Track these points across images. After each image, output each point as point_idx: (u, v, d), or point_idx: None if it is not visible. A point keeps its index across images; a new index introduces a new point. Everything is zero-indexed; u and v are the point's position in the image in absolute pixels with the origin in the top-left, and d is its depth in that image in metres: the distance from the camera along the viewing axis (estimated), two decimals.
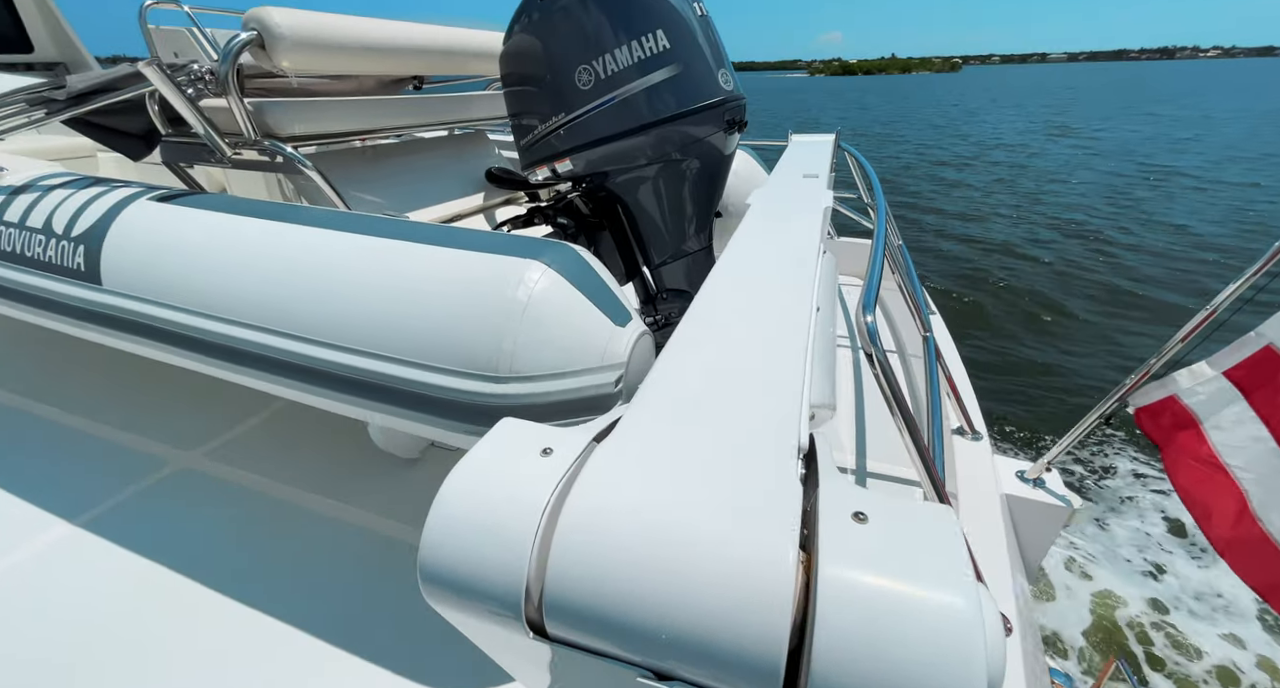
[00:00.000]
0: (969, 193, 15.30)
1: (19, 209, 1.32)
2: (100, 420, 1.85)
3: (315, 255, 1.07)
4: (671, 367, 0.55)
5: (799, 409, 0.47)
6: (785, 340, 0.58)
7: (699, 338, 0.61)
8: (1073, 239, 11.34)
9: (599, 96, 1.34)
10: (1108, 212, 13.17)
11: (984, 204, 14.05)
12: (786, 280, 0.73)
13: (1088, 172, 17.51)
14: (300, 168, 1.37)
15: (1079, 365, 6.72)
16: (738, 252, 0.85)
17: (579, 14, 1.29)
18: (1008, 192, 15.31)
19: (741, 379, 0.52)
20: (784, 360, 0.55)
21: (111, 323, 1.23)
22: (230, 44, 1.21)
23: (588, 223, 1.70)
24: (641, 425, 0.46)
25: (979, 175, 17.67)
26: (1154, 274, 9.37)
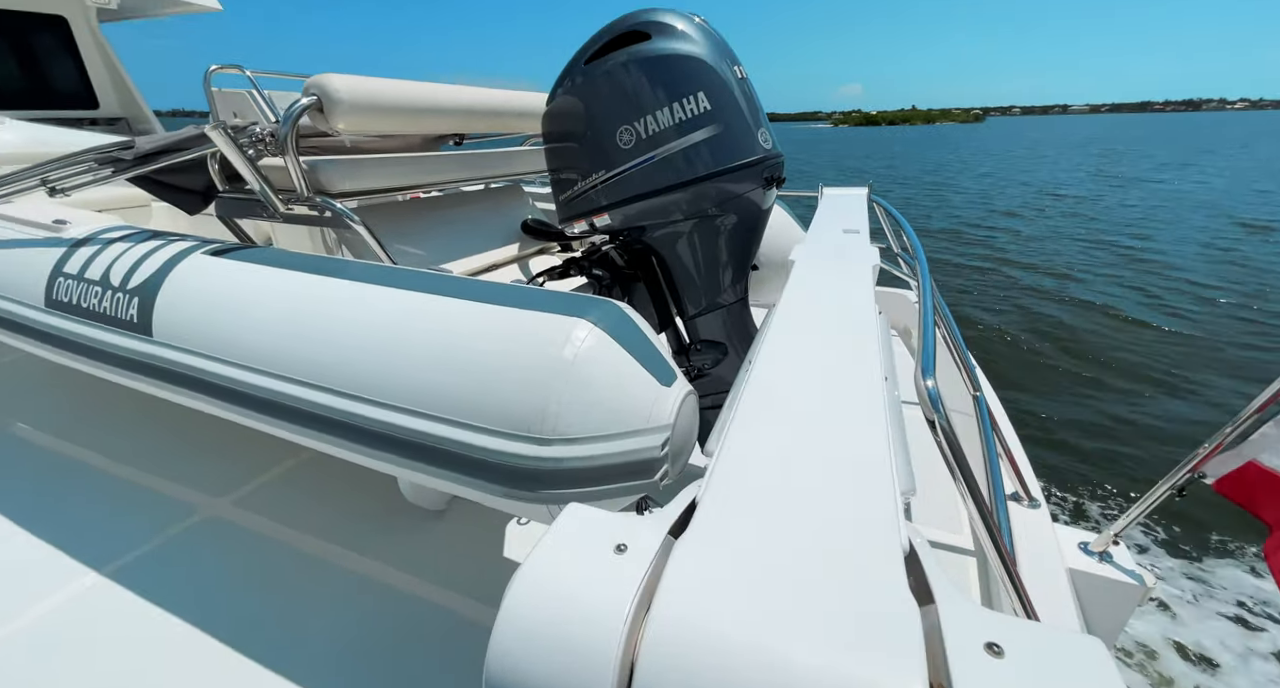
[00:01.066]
0: (1038, 243, 13.59)
1: (79, 262, 1.37)
2: (137, 465, 1.88)
3: (359, 310, 1.08)
4: (743, 446, 0.53)
5: (894, 501, 0.43)
6: (861, 415, 0.55)
7: (766, 411, 0.58)
8: (1137, 284, 9.97)
9: (640, 155, 1.37)
10: (1193, 261, 11.51)
11: (1053, 254, 12.43)
12: (849, 346, 0.70)
13: (1165, 222, 15.57)
14: (348, 223, 1.41)
15: (1145, 426, 5.81)
16: (790, 313, 0.83)
17: (622, 78, 1.33)
18: (1079, 241, 13.79)
19: (822, 462, 0.49)
20: (865, 439, 0.51)
21: (158, 373, 1.24)
22: (291, 108, 1.27)
23: (622, 274, 1.71)
24: (723, 520, 0.43)
25: (1044, 225, 15.81)
26: (1232, 332, 7.90)
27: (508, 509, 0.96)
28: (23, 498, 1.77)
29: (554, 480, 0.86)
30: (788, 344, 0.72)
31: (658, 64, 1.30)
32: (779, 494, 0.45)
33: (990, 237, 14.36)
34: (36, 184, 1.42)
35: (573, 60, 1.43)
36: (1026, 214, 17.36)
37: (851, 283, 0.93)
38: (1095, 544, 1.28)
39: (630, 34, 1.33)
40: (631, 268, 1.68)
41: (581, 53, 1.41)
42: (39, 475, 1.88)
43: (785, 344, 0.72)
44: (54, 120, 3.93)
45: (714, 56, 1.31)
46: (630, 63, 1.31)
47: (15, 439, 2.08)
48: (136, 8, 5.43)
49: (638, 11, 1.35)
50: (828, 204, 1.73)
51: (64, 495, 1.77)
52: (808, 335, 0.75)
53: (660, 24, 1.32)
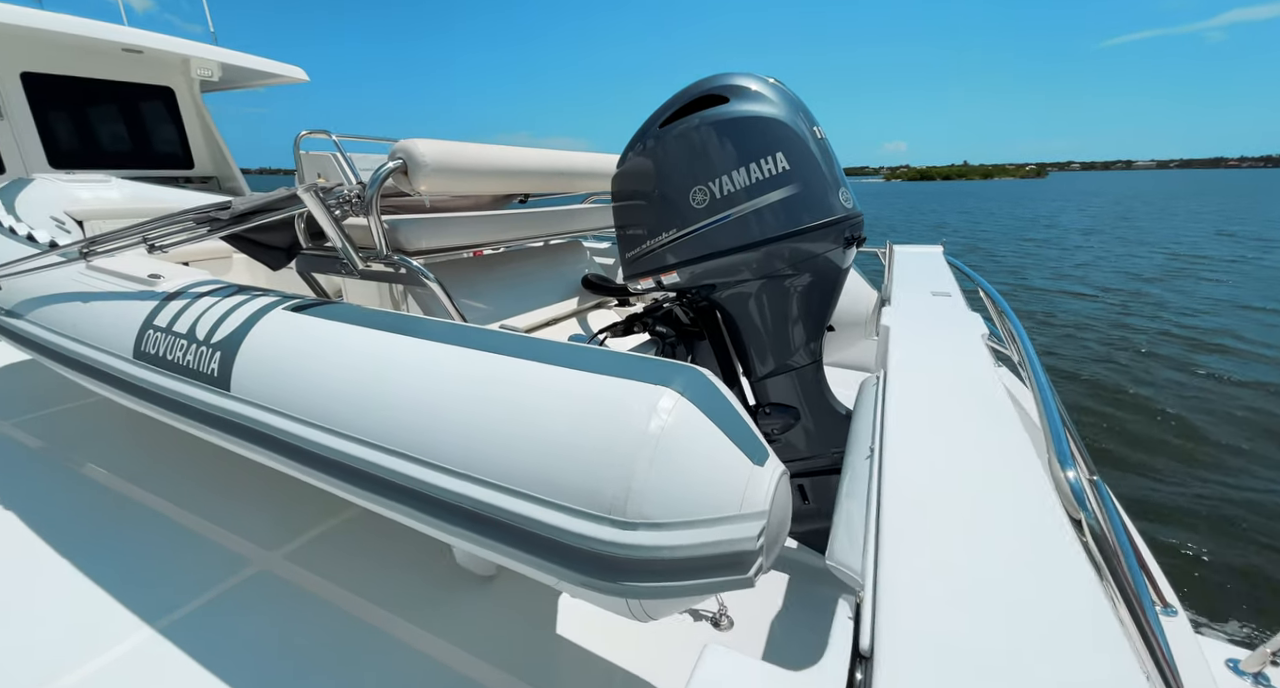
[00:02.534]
0: (1170, 310, 11.22)
1: (168, 315, 1.42)
2: (198, 512, 1.89)
3: (431, 371, 1.06)
4: (904, 578, 0.44)
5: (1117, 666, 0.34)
6: (1038, 540, 0.46)
7: (920, 523, 0.49)
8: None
9: (714, 214, 1.35)
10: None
11: (1204, 319, 10.33)
12: (992, 438, 0.61)
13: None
14: (422, 280, 1.43)
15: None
16: (908, 393, 0.75)
17: (698, 139, 1.33)
18: (1220, 305, 11.55)
19: (1008, 604, 0.40)
20: (1050, 571, 0.43)
21: (232, 429, 1.25)
22: (378, 171, 1.32)
23: (687, 332, 1.66)
24: None
25: (1184, 288, 13.13)
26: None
27: (580, 596, 0.88)
28: (87, 536, 1.81)
29: (636, 571, 0.78)
30: (918, 433, 0.64)
31: (735, 125, 1.29)
32: (967, 655, 0.37)
33: (1127, 303, 11.92)
34: (138, 241, 1.50)
35: (647, 123, 1.45)
36: (1171, 278, 14.33)
37: (968, 358, 0.85)
38: (1248, 663, 1.08)
39: (707, 98, 1.34)
40: (697, 326, 1.64)
41: (656, 116, 1.43)
42: (105, 515, 1.92)
43: (915, 432, 0.64)
44: (153, 179, 4.30)
45: (792, 117, 1.30)
46: (707, 125, 1.31)
47: (87, 479, 2.14)
48: (233, 79, 6.01)
49: (715, 76, 1.36)
50: (904, 263, 1.66)
51: (126, 538, 1.80)
52: (938, 422, 0.67)
53: (738, 87, 1.32)
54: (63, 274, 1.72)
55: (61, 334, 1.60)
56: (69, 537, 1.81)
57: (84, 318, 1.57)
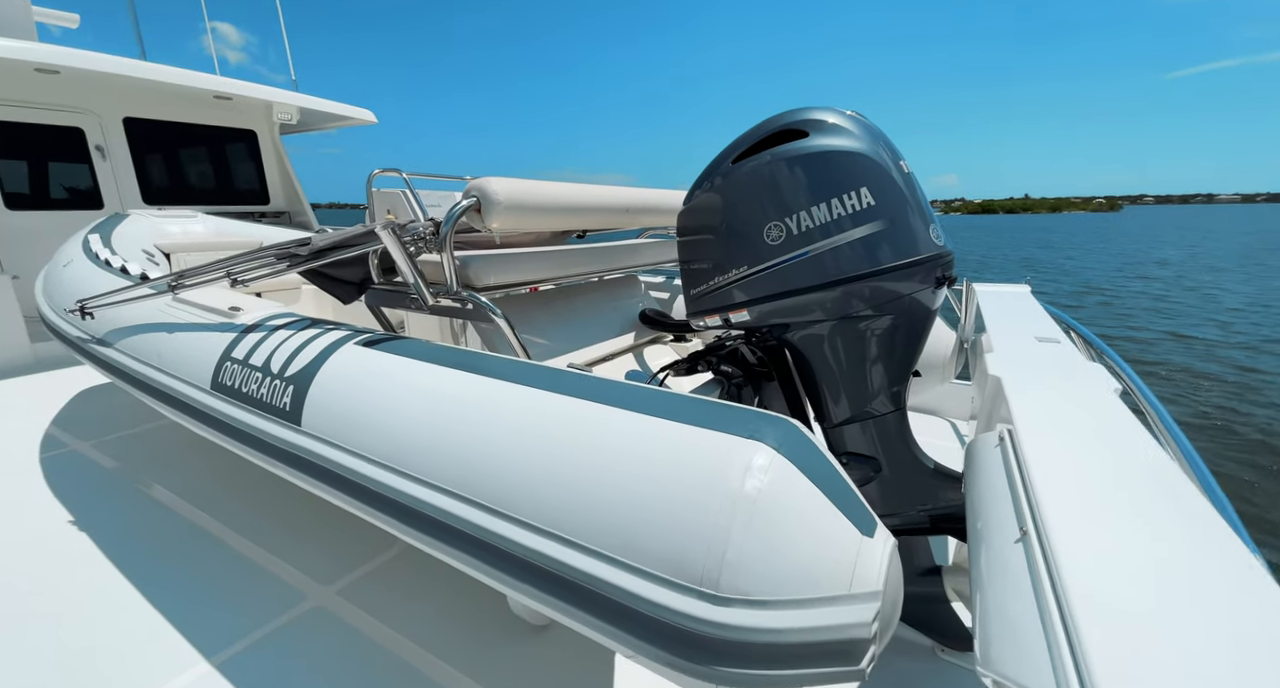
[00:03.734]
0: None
1: (245, 348, 1.45)
2: (258, 541, 1.91)
3: (501, 412, 1.02)
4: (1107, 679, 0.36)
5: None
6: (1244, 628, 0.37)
7: (1131, 647, 0.40)
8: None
9: (789, 251, 1.29)
10: None
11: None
12: (1190, 535, 0.51)
13: None
14: (490, 316, 1.41)
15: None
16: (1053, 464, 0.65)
17: (775, 174, 1.28)
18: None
19: None
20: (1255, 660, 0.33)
21: (301, 464, 1.24)
22: (454, 210, 1.33)
23: (754, 372, 1.59)
24: None
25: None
26: None
27: (663, 674, 0.79)
28: (151, 559, 1.85)
29: (729, 654, 0.69)
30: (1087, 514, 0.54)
31: (817, 160, 1.24)
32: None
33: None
34: (222, 275, 1.56)
35: (718, 159, 1.42)
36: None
37: (1111, 419, 0.74)
38: None
39: (785, 133, 1.30)
40: (765, 366, 1.56)
41: (728, 152, 1.40)
42: (170, 539, 1.96)
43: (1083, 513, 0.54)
44: (233, 214, 4.59)
45: (876, 151, 1.24)
46: (785, 159, 1.27)
47: (155, 502, 2.20)
48: (310, 122, 6.44)
49: (792, 111, 1.33)
50: (990, 304, 1.55)
51: (189, 563, 1.83)
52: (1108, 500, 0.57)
53: (818, 121, 1.28)
54: (151, 306, 1.80)
55: (146, 363, 1.67)
56: (135, 559, 1.85)
57: (168, 348, 1.63)
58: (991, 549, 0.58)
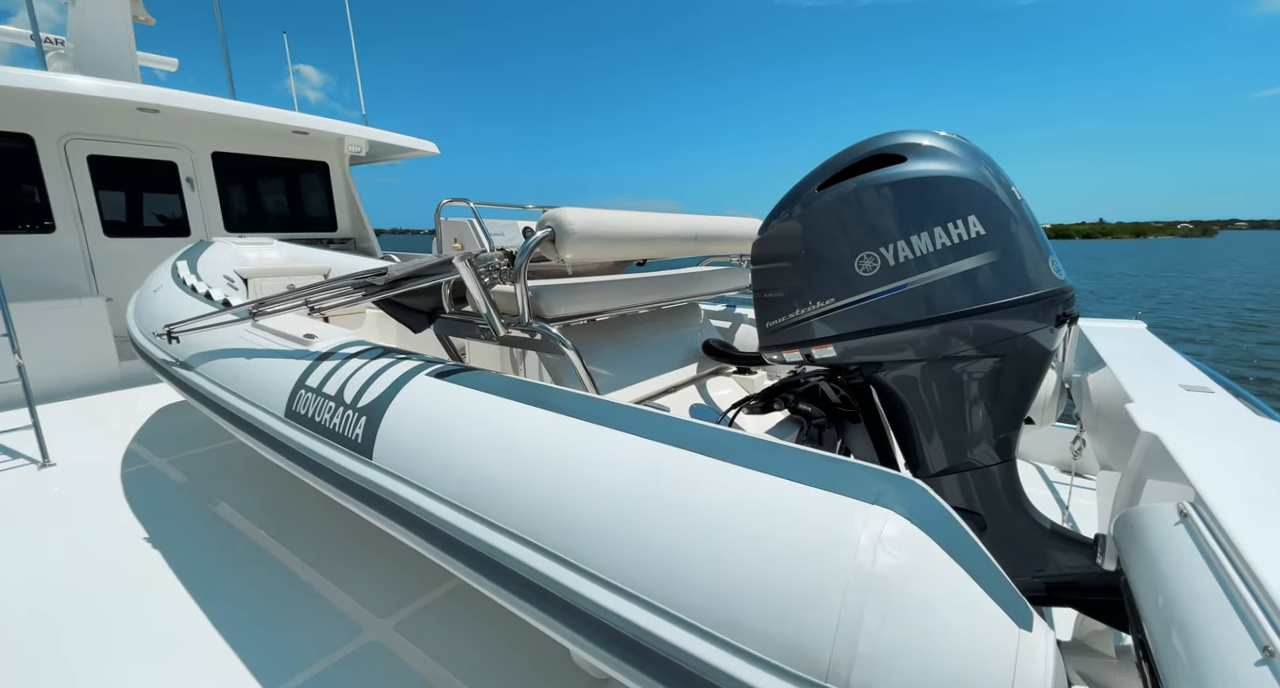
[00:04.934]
0: None
1: (319, 376, 1.46)
2: (319, 569, 1.91)
3: (581, 457, 0.95)
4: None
5: None
6: None
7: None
8: None
9: (885, 284, 1.19)
10: None
11: None
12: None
13: None
14: (561, 348, 1.37)
15: None
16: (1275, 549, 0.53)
17: (868, 202, 1.20)
18: None
19: None
20: None
21: (370, 499, 1.21)
22: (529, 242, 1.30)
23: (836, 412, 1.48)
24: None
25: None
26: None
27: None
28: (215, 580, 1.88)
29: None
30: None
31: (918, 186, 1.15)
32: None
33: None
34: (301, 303, 1.59)
35: (801, 185, 1.34)
36: None
37: None
38: None
39: (878, 157, 1.22)
40: (850, 407, 1.45)
41: (814, 177, 1.32)
42: (235, 561, 1.99)
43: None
44: (303, 240, 4.82)
45: (985, 176, 1.14)
46: (881, 186, 1.18)
47: (223, 522, 2.25)
48: (377, 154, 6.78)
49: (887, 134, 1.24)
50: (1109, 344, 1.40)
51: (250, 588, 1.84)
52: None
53: (917, 145, 1.19)
54: (231, 331, 1.85)
55: (224, 388, 1.71)
56: (201, 579, 1.88)
57: (245, 374, 1.67)
58: (1206, 666, 0.46)
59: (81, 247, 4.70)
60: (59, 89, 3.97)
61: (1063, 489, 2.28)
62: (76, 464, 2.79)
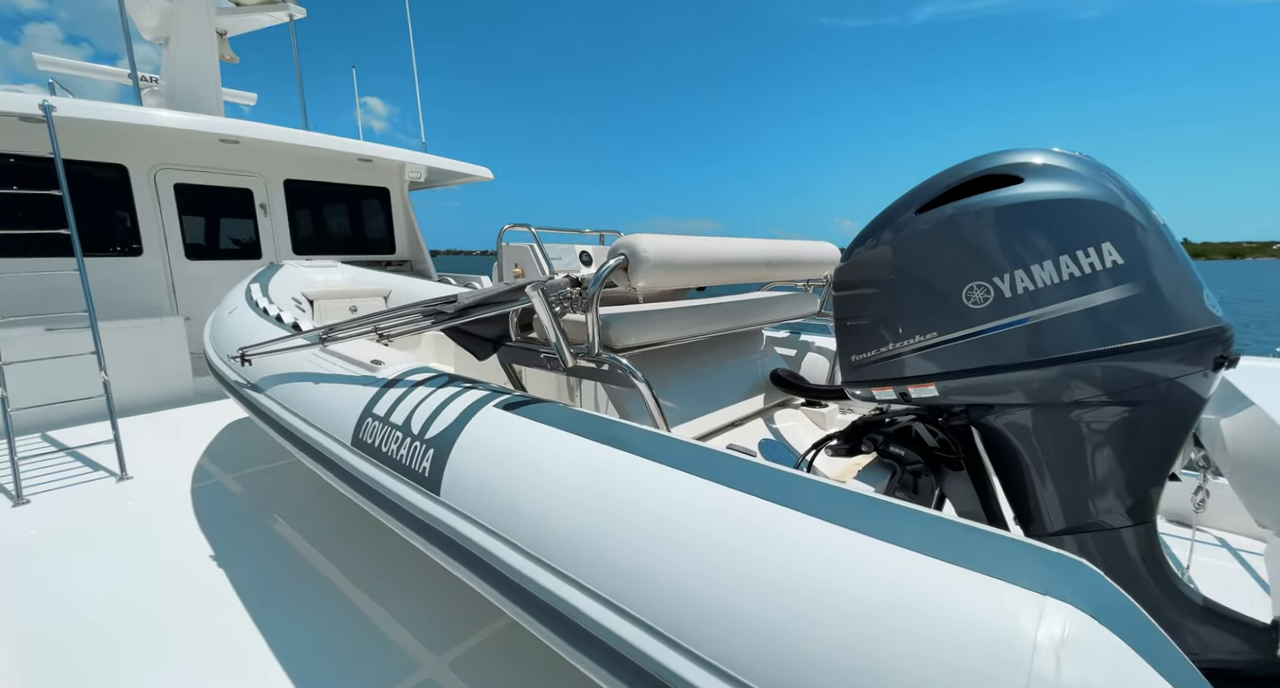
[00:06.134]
0: None
1: (386, 404, 1.43)
2: (376, 598, 1.88)
3: (666, 507, 0.87)
4: None
5: None
6: None
7: None
8: None
9: (999, 318, 1.07)
10: None
11: None
12: None
13: None
14: (632, 381, 1.30)
15: None
16: None
17: (979, 226, 1.08)
18: None
19: None
20: None
21: (437, 538, 1.16)
22: (602, 269, 1.25)
23: (934, 457, 1.34)
24: None
25: None
26: None
27: None
28: (274, 604, 1.88)
29: None
30: None
31: (1040, 210, 1.03)
32: None
33: None
34: (369, 330, 1.58)
35: (896, 208, 1.24)
36: None
37: None
38: None
39: (989, 178, 1.11)
40: (949, 451, 1.31)
41: (911, 200, 1.22)
42: (293, 583, 1.99)
43: None
44: (363, 262, 5.00)
45: (1120, 198, 1.02)
46: (996, 209, 1.06)
47: (284, 542, 2.26)
48: (435, 180, 7.02)
49: (997, 153, 1.13)
50: (1255, 383, 1.22)
51: (308, 613, 1.83)
52: None
53: (1036, 165, 1.07)
54: (300, 356, 1.87)
55: (293, 412, 1.71)
56: (261, 602, 1.88)
57: (314, 399, 1.67)
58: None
59: (165, 269, 5.00)
60: (152, 123, 4.27)
61: (1176, 545, 2.03)
62: (151, 479, 2.89)
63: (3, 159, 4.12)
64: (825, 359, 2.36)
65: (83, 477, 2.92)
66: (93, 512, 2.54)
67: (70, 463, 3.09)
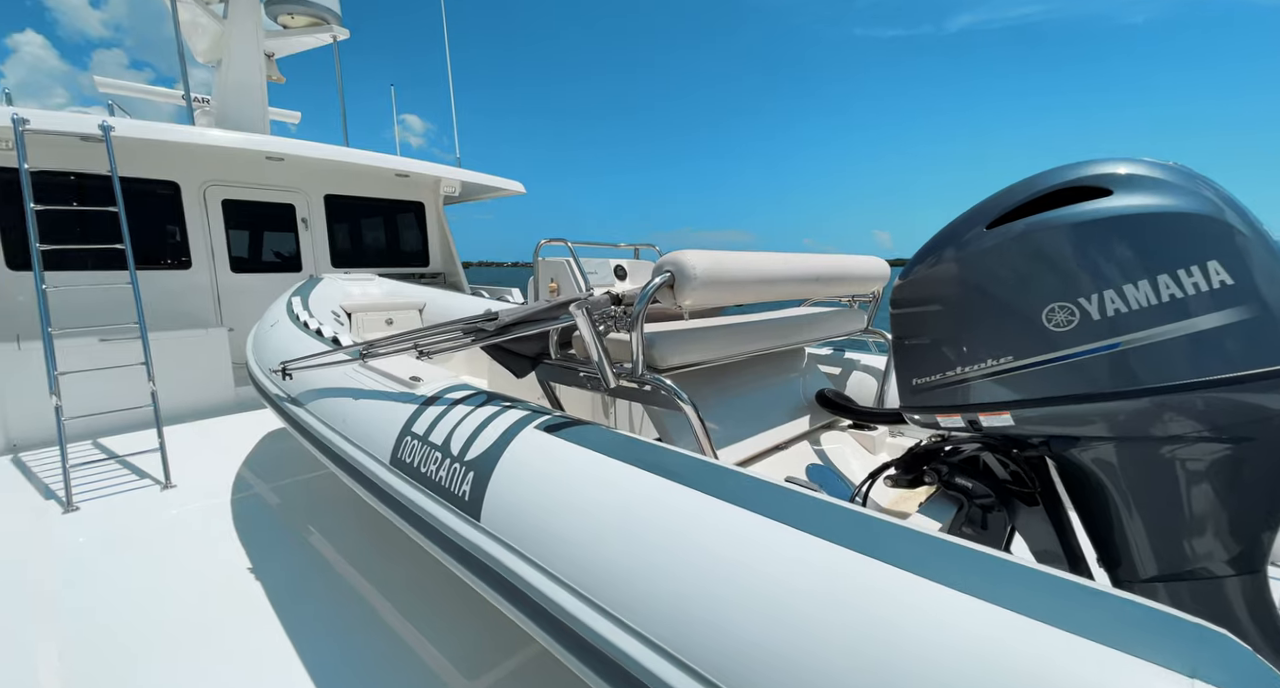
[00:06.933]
0: None
1: (425, 422, 1.40)
2: (409, 617, 1.86)
3: (737, 552, 0.80)
4: None
5: None
6: None
7: None
8: None
9: (1087, 341, 0.98)
10: None
11: None
12: None
13: None
14: (678, 404, 1.24)
15: None
16: None
17: (1059, 243, 1.00)
18: None
19: None
20: None
21: (477, 567, 1.11)
22: (648, 287, 1.20)
23: (1005, 491, 1.24)
24: None
25: None
26: None
27: None
28: (309, 617, 1.88)
29: None
30: None
31: (1135, 225, 0.94)
32: None
33: None
34: (409, 347, 1.57)
35: (964, 221, 1.16)
36: None
37: None
38: None
39: (1074, 190, 1.02)
40: (1024, 484, 1.21)
41: (981, 213, 1.13)
42: (327, 598, 1.98)
43: None
44: (398, 275, 5.08)
45: (1225, 211, 0.92)
46: (1082, 224, 0.98)
47: (318, 554, 2.25)
48: (468, 194, 7.13)
49: (1080, 163, 1.05)
50: None
51: (342, 629, 1.82)
52: None
53: (1128, 176, 0.98)
54: (340, 371, 1.87)
55: (332, 428, 1.71)
56: (293, 615, 1.88)
57: (352, 416, 1.65)
58: None
59: (211, 281, 5.17)
60: (204, 141, 4.44)
61: None
62: (193, 488, 2.94)
63: (64, 177, 4.33)
64: (871, 379, 2.26)
65: (129, 485, 2.99)
66: (138, 520, 2.59)
67: (118, 471, 3.17)
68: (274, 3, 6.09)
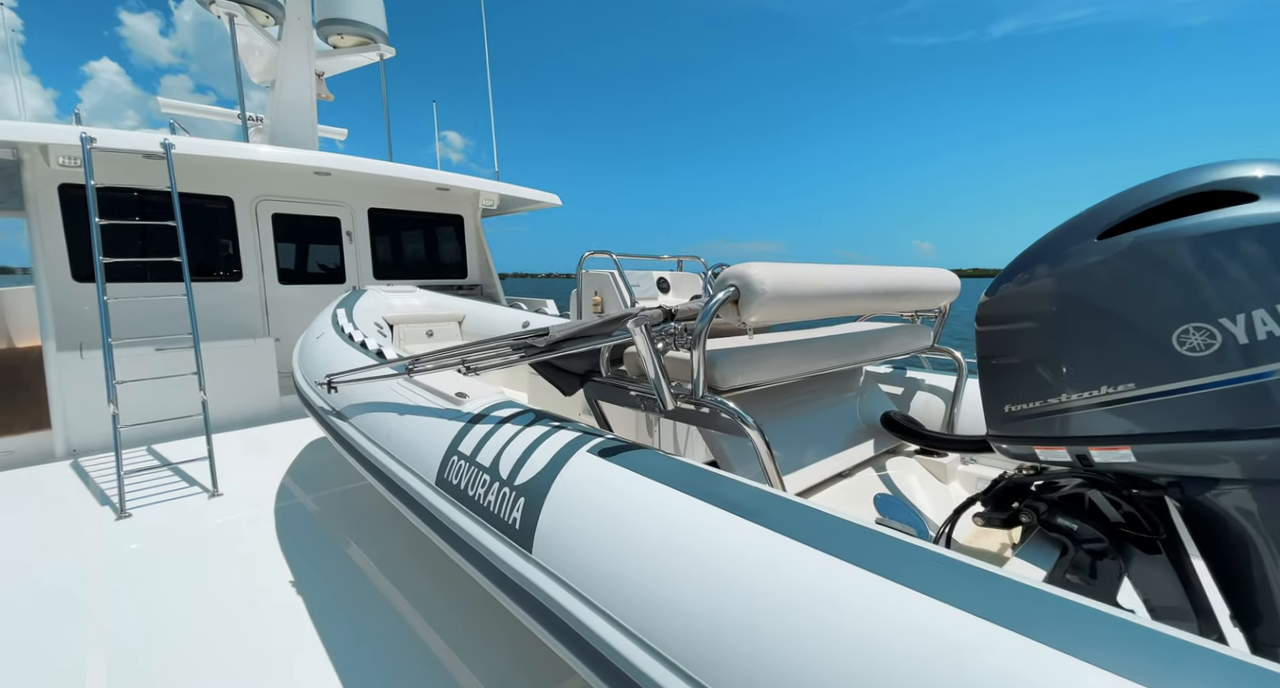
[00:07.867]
0: None
1: (472, 442, 1.34)
2: (449, 642, 1.82)
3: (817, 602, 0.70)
4: None
5: None
6: None
7: None
8: None
9: (1230, 369, 0.85)
10: None
11: None
12: None
13: None
14: (743, 429, 1.14)
15: None
16: None
17: (1189, 257, 0.87)
18: None
19: None
20: None
21: (527, 602, 1.04)
22: (711, 304, 1.12)
23: (1119, 534, 1.10)
24: None
25: None
26: None
27: None
28: (347, 632, 1.85)
29: None
30: None
31: None
32: None
33: None
34: (457, 362, 1.52)
35: (1069, 231, 1.03)
36: None
37: None
38: None
39: (1206, 196, 0.89)
40: (1143, 529, 1.06)
41: (1088, 223, 1.01)
42: (365, 612, 1.95)
43: None
44: (436, 286, 5.12)
45: None
46: (1224, 234, 0.85)
47: (356, 568, 2.22)
48: (506, 207, 7.21)
49: (1210, 166, 0.92)
50: None
51: (377, 646, 1.78)
52: None
53: (1271, 178, 0.85)
54: (385, 385, 1.84)
55: (377, 444, 1.67)
56: (332, 630, 1.85)
57: (397, 431, 1.61)
58: None
59: (260, 292, 5.32)
60: (257, 157, 4.58)
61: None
62: (239, 497, 2.97)
63: (126, 193, 4.52)
64: (938, 400, 2.11)
65: (179, 492, 3.05)
66: (187, 528, 2.62)
67: (169, 478, 3.24)
68: (325, 24, 6.31)
